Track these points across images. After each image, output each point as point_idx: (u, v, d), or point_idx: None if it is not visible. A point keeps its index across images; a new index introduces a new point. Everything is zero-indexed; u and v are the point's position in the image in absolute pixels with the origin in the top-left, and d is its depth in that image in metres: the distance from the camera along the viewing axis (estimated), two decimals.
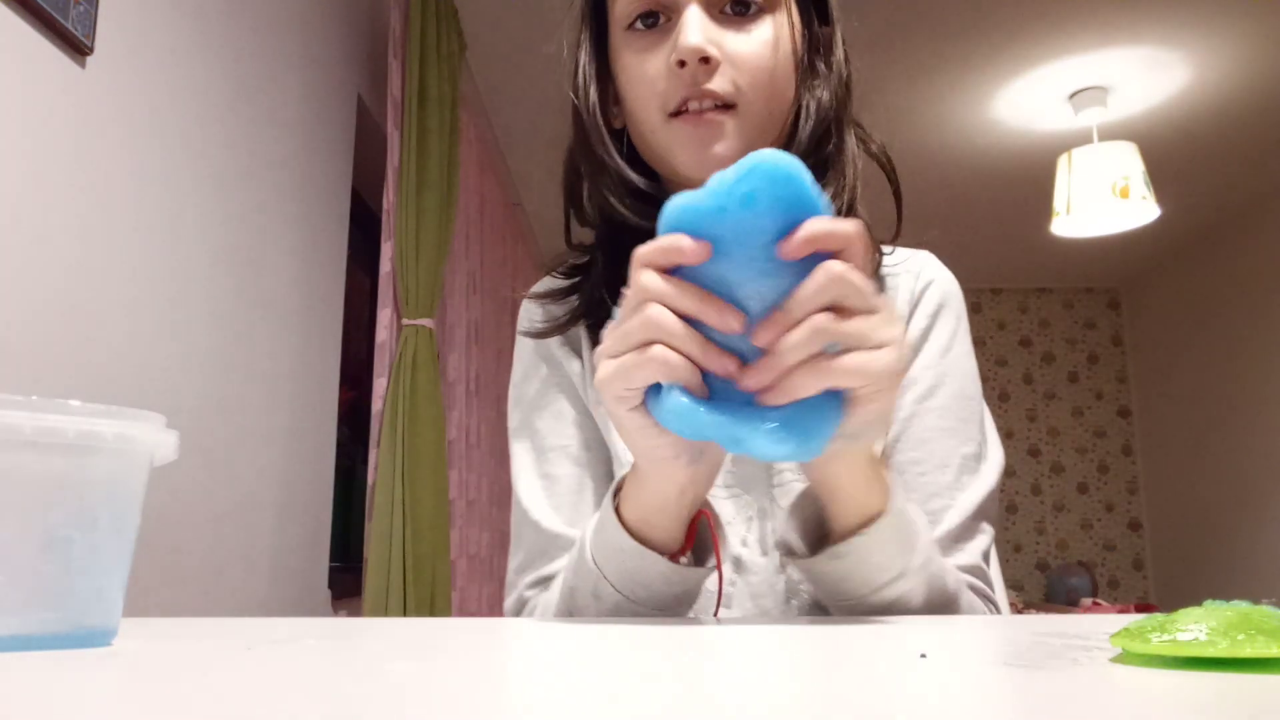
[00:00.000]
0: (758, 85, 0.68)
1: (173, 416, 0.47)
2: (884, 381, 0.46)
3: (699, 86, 0.67)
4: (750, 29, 0.68)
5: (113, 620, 0.43)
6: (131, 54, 1.32)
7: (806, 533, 0.59)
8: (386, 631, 0.51)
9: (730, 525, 0.70)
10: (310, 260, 1.97)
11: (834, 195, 0.71)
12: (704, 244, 0.45)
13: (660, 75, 0.68)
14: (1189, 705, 0.26)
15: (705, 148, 0.68)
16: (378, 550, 2.01)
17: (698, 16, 0.67)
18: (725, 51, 0.67)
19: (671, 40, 0.68)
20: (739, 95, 0.68)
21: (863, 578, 0.56)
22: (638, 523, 0.57)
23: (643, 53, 0.70)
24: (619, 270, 0.74)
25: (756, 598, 0.69)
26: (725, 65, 0.67)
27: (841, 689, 0.30)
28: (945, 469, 0.69)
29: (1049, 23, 2.77)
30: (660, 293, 0.47)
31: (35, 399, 0.39)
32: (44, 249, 1.14)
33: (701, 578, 0.60)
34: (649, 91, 0.69)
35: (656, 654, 0.38)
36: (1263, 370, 4.16)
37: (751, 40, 0.68)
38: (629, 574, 0.58)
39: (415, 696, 0.28)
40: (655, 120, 0.69)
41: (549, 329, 0.76)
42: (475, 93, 2.97)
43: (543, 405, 0.77)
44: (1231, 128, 3.41)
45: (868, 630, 0.47)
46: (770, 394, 0.46)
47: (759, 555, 0.69)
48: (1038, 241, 4.33)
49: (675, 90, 0.68)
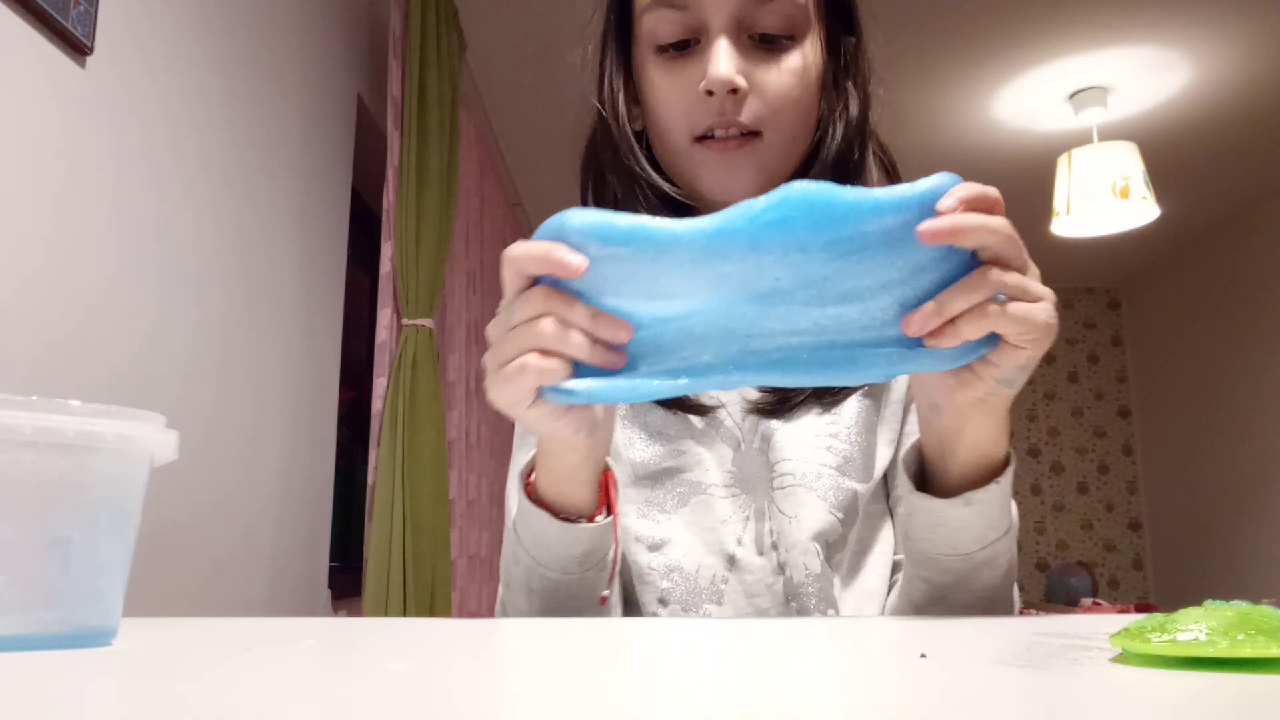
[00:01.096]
0: (783, 115, 0.69)
1: (173, 416, 0.47)
2: (1040, 331, 0.49)
3: (726, 116, 0.68)
4: (779, 59, 0.70)
5: (113, 620, 0.43)
6: (131, 54, 1.32)
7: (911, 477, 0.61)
8: (386, 631, 0.51)
9: (726, 524, 0.71)
10: (310, 260, 1.97)
11: None
12: (582, 259, 0.46)
13: (688, 100, 0.69)
14: (1189, 705, 0.26)
15: (729, 174, 0.70)
16: (378, 550, 2.01)
17: (727, 48, 0.68)
18: (753, 82, 0.68)
19: (700, 65, 0.69)
20: (764, 124, 0.69)
21: (979, 531, 0.58)
22: (553, 494, 0.60)
23: (671, 75, 0.71)
24: None
25: (751, 597, 0.69)
26: (752, 96, 0.69)
27: (841, 689, 0.30)
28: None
29: (1049, 23, 2.77)
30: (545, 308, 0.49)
31: (35, 399, 0.39)
32: (43, 248, 1.14)
33: (596, 534, 0.61)
34: (676, 114, 0.71)
35: (656, 653, 0.38)
36: (1263, 370, 4.16)
37: (780, 71, 0.69)
38: (535, 536, 0.62)
39: (415, 696, 0.28)
40: (681, 143, 0.71)
41: None
42: (475, 93, 2.97)
43: None
44: (1231, 128, 3.41)
45: (868, 630, 0.47)
46: (938, 337, 0.48)
47: (755, 555, 0.70)
48: (1038, 241, 4.33)
49: (702, 117, 0.69)
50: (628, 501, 0.73)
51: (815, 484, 0.69)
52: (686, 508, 0.71)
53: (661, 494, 0.72)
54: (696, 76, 0.69)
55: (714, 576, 0.70)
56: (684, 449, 0.73)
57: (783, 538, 0.69)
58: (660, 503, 0.72)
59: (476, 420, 2.77)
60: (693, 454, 0.73)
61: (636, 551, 0.72)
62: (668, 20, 0.70)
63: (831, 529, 0.69)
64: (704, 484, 0.72)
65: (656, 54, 0.72)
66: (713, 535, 0.71)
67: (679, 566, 0.70)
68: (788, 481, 0.70)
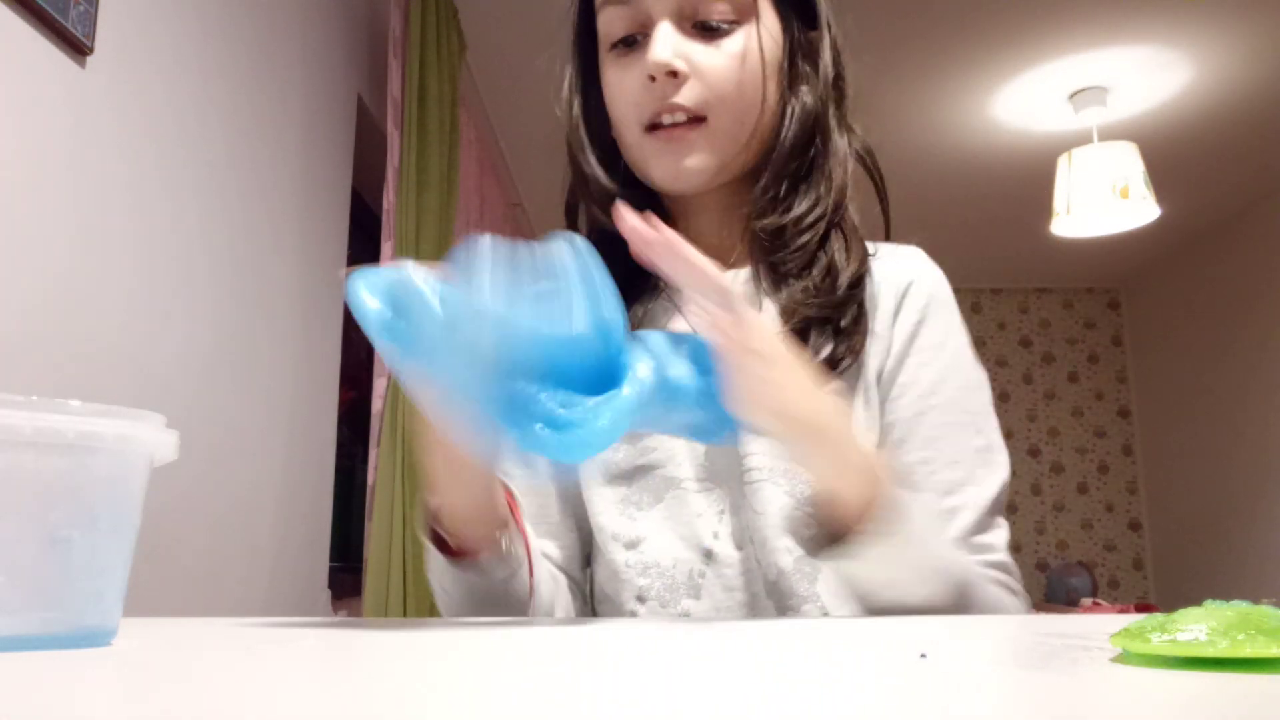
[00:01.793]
0: (725, 98, 0.71)
1: (173, 417, 0.47)
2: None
3: (669, 100, 0.70)
4: (719, 43, 0.71)
5: (113, 620, 0.43)
6: (131, 54, 1.32)
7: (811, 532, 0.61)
8: (386, 631, 0.51)
9: (701, 518, 0.71)
10: (310, 260, 1.97)
11: (819, 198, 0.73)
12: None
13: (635, 90, 0.71)
14: (1189, 705, 0.26)
15: (677, 161, 0.71)
16: (378, 550, 2.01)
17: (667, 32, 0.70)
18: (693, 64, 0.70)
19: (645, 57, 0.70)
20: (708, 108, 0.70)
21: (879, 584, 0.57)
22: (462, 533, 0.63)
23: (621, 70, 0.73)
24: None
25: (730, 590, 0.69)
26: (694, 79, 0.70)
27: (841, 689, 0.30)
28: (956, 466, 0.68)
29: (1049, 23, 2.77)
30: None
31: (35, 399, 0.39)
32: (44, 249, 1.14)
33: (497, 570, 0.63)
34: (627, 105, 0.73)
35: (655, 653, 0.38)
36: (1263, 370, 4.16)
37: (720, 53, 0.71)
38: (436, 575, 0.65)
39: (415, 696, 0.28)
40: (633, 134, 0.73)
41: None
42: (475, 93, 2.97)
43: None
44: (1231, 128, 3.41)
45: (868, 630, 0.47)
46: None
47: (733, 548, 0.70)
48: (1038, 241, 4.33)
49: (648, 104, 0.71)
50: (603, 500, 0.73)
51: (781, 478, 0.68)
52: (662, 504, 0.71)
53: (636, 491, 0.72)
54: (642, 66, 0.71)
55: (691, 571, 0.70)
56: (655, 444, 0.73)
57: (755, 533, 0.69)
58: (636, 500, 0.72)
59: None
60: (665, 449, 0.72)
61: (613, 550, 0.72)
62: (617, 17, 0.73)
63: (803, 521, 0.67)
64: (678, 479, 0.72)
65: (610, 51, 0.74)
66: (689, 530, 0.71)
67: (655, 563, 0.70)
68: (754, 476, 0.69)
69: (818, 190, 0.73)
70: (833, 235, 0.73)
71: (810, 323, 0.69)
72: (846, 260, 0.71)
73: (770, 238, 0.72)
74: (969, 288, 5.20)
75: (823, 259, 0.71)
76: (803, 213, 0.72)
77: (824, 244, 0.72)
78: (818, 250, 0.72)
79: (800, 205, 0.72)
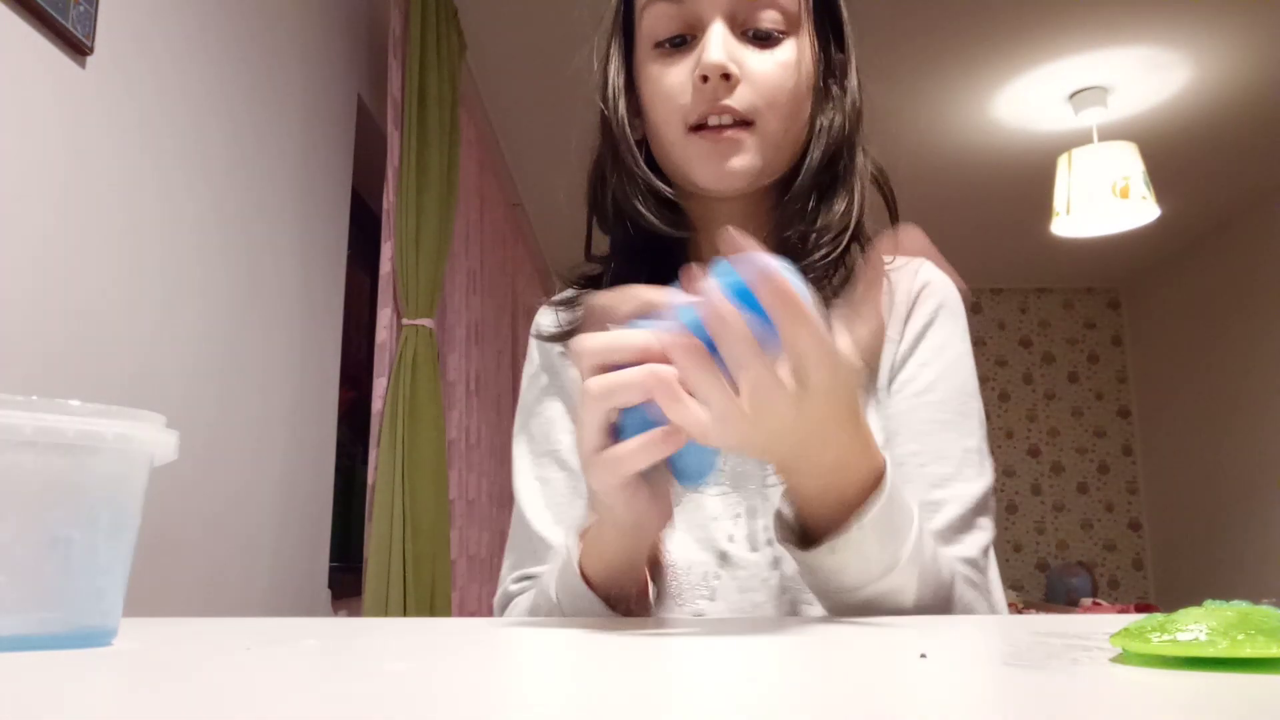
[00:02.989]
0: (776, 105, 0.71)
1: (173, 417, 0.47)
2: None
3: (719, 102, 0.70)
4: (772, 51, 0.71)
5: (113, 620, 0.43)
6: (131, 54, 1.32)
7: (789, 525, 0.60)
8: (386, 631, 0.51)
9: (716, 521, 0.72)
10: (310, 260, 1.97)
11: (843, 212, 0.74)
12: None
13: (683, 89, 0.71)
14: (1189, 705, 0.26)
15: (723, 163, 0.71)
16: (378, 550, 2.01)
17: (722, 33, 0.70)
18: (745, 70, 0.70)
19: (695, 56, 0.70)
20: (757, 113, 0.70)
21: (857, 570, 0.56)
22: (604, 581, 0.60)
23: (668, 67, 0.73)
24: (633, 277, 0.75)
25: (745, 591, 0.70)
26: (745, 84, 0.70)
27: (841, 689, 0.30)
28: (945, 460, 0.69)
29: (1049, 23, 2.77)
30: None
31: (35, 399, 0.39)
32: (44, 249, 1.14)
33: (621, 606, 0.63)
34: (671, 105, 0.72)
35: (654, 653, 0.38)
36: (1263, 370, 4.16)
37: (772, 61, 0.71)
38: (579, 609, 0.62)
39: (415, 696, 0.28)
40: (675, 134, 0.72)
41: (557, 334, 0.80)
42: (475, 93, 2.97)
43: (538, 410, 0.81)
44: (1231, 128, 3.42)
45: (868, 630, 0.47)
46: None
47: (748, 551, 0.70)
48: (1038, 241, 4.33)
49: (697, 105, 0.70)
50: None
51: None
52: (678, 507, 0.72)
53: None
54: (691, 65, 0.70)
55: (705, 573, 0.70)
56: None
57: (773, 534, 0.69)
58: None
59: (476, 420, 2.77)
60: None
61: None
62: (665, 15, 0.72)
63: None
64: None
65: (654, 49, 0.74)
66: (703, 533, 0.71)
67: (670, 563, 0.71)
68: (778, 480, 0.70)
69: (842, 204, 0.75)
70: (853, 248, 0.75)
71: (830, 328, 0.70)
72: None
73: (798, 242, 0.74)
74: (969, 288, 5.19)
75: (842, 270, 0.74)
76: (829, 222, 0.74)
77: (844, 256, 0.74)
78: (839, 261, 0.74)
79: (825, 217, 0.74)
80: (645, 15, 0.74)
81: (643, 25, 0.75)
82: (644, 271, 0.77)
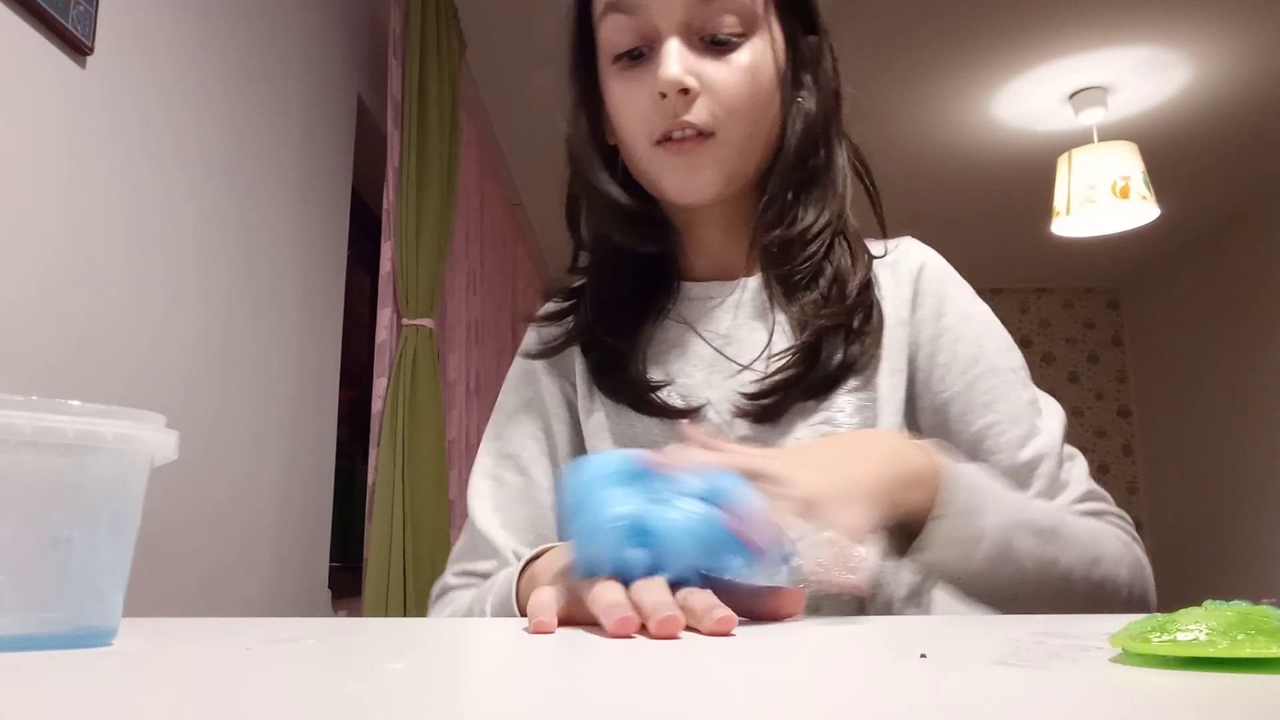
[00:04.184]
0: (736, 113, 0.71)
1: (173, 417, 0.47)
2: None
3: (679, 118, 0.70)
4: (729, 58, 0.71)
5: (113, 620, 0.43)
6: (131, 54, 1.32)
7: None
8: (386, 631, 0.51)
9: None
10: (310, 260, 1.97)
11: (823, 207, 0.74)
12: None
13: (645, 105, 0.71)
14: (1189, 705, 0.26)
15: (689, 175, 0.72)
16: (378, 550, 2.01)
17: (676, 49, 0.69)
18: (704, 80, 0.70)
19: (654, 72, 0.70)
20: (718, 124, 0.70)
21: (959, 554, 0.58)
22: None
23: (629, 83, 0.73)
24: (611, 292, 0.77)
25: None
26: (705, 95, 0.70)
27: (841, 689, 0.30)
28: (1019, 421, 0.71)
29: (1049, 23, 2.77)
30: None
31: (35, 399, 0.39)
32: (44, 248, 1.14)
33: None
34: (635, 120, 0.72)
35: (654, 654, 0.38)
36: (1263, 370, 4.16)
37: (730, 68, 0.71)
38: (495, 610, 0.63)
39: (415, 696, 0.28)
40: (643, 148, 0.73)
41: (543, 350, 0.80)
42: (475, 93, 2.97)
43: (511, 417, 0.81)
44: (1231, 128, 3.42)
45: (868, 630, 0.47)
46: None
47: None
48: (1038, 241, 4.33)
49: (659, 120, 0.71)
50: None
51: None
52: None
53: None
54: (651, 81, 0.70)
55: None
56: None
57: None
58: None
59: (476, 420, 2.77)
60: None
61: None
62: (620, 28, 0.72)
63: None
64: None
65: (614, 63, 0.74)
66: None
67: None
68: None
69: (822, 200, 0.74)
70: (837, 243, 0.74)
71: (825, 330, 0.71)
72: (853, 267, 0.73)
73: (779, 250, 0.74)
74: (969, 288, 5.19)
75: (829, 268, 0.73)
76: (809, 224, 0.73)
77: (829, 253, 0.74)
78: (824, 259, 0.73)
79: (806, 216, 0.74)
80: (601, 28, 0.74)
81: (600, 39, 0.75)
82: (626, 283, 0.78)
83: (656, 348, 0.77)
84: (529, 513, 0.76)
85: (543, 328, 0.82)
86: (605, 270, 0.79)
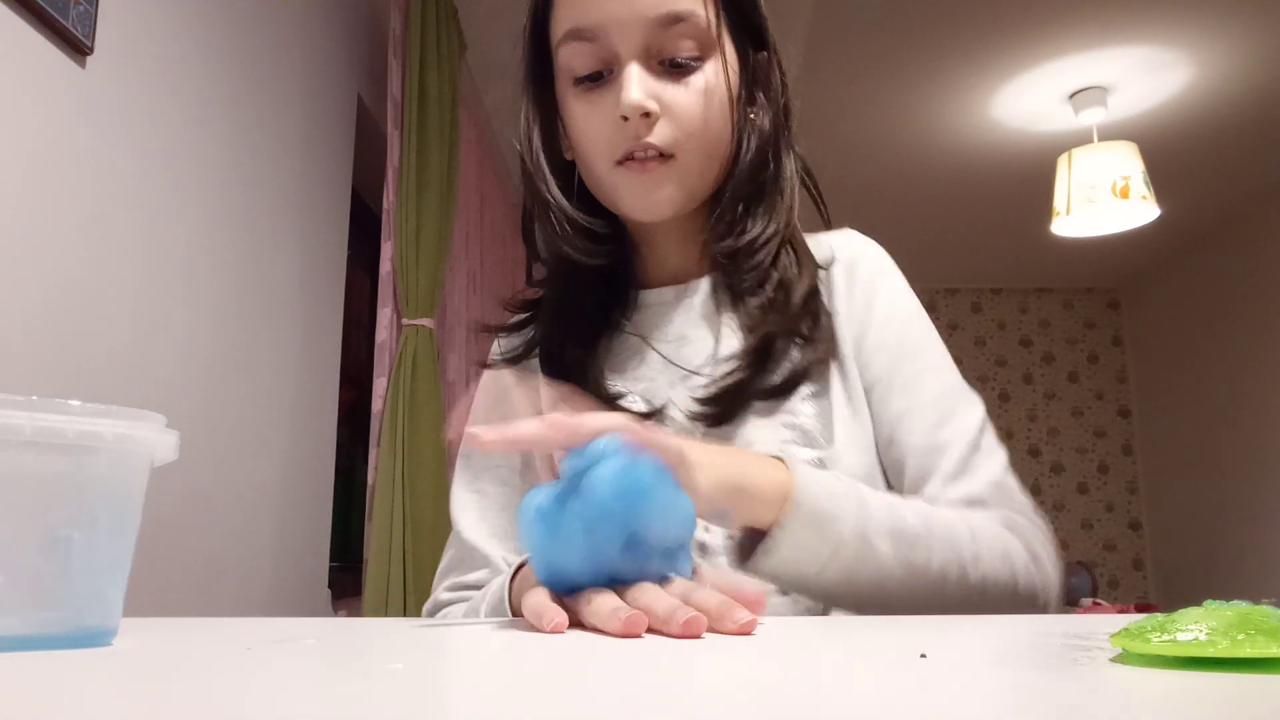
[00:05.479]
0: (695, 135, 0.73)
1: (173, 417, 0.47)
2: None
3: (641, 140, 0.72)
4: (687, 80, 0.73)
5: (113, 620, 0.43)
6: (131, 54, 1.32)
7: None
8: (386, 631, 0.51)
9: None
10: (310, 260, 1.97)
11: (771, 218, 0.76)
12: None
13: (607, 127, 0.73)
14: (1189, 705, 0.26)
15: (649, 193, 0.73)
16: (378, 550, 2.01)
17: (637, 73, 0.71)
18: (664, 104, 0.72)
19: (615, 95, 0.72)
20: (678, 146, 0.72)
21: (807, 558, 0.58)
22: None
23: (589, 105, 0.74)
24: (567, 303, 0.79)
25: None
26: (665, 118, 0.72)
27: (841, 689, 0.30)
28: (936, 404, 0.72)
29: (1049, 23, 2.77)
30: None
31: (35, 399, 0.39)
32: (44, 249, 1.14)
33: None
34: (597, 142, 0.74)
35: (654, 652, 0.38)
36: (1263, 370, 4.16)
37: (689, 91, 0.73)
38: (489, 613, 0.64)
39: (415, 696, 0.28)
40: (603, 168, 0.75)
41: (504, 360, 0.82)
42: (475, 93, 2.97)
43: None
44: (1231, 128, 3.42)
45: (868, 630, 0.47)
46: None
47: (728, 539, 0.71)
48: (1038, 241, 4.33)
49: (620, 142, 0.72)
50: None
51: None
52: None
53: None
54: (612, 104, 0.72)
55: None
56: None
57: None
58: None
59: None
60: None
61: None
62: (580, 54, 0.74)
63: None
64: None
65: (574, 86, 0.76)
66: None
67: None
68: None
69: (770, 211, 0.76)
70: (784, 252, 0.77)
71: (774, 336, 0.72)
72: (799, 275, 0.75)
73: (728, 259, 0.76)
74: (969, 288, 5.20)
75: (775, 275, 0.75)
76: (757, 234, 0.76)
77: (776, 261, 0.76)
78: (770, 267, 0.75)
79: (754, 228, 0.76)
80: (561, 53, 0.76)
81: (559, 63, 0.77)
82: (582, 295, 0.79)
83: (615, 358, 0.79)
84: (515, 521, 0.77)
85: (503, 338, 0.84)
86: (561, 282, 0.80)
